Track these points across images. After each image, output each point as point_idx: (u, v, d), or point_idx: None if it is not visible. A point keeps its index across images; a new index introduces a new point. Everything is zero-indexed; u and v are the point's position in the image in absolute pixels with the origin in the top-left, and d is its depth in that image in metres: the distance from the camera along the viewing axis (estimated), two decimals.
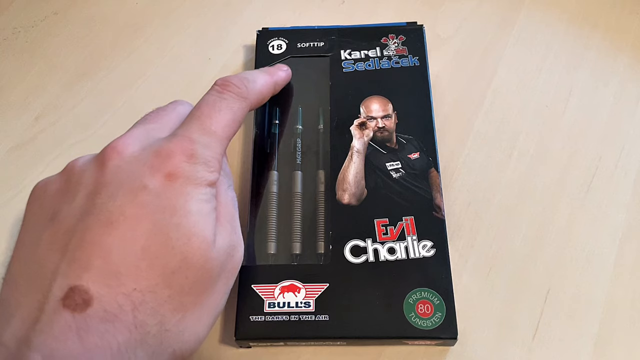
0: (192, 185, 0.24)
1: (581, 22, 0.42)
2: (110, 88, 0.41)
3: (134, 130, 0.27)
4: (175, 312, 0.23)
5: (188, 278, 0.23)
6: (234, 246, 0.26)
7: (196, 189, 0.25)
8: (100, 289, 0.22)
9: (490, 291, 0.33)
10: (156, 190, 0.24)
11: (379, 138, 0.35)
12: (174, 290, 0.23)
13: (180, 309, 0.23)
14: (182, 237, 0.23)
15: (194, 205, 0.24)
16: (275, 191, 0.34)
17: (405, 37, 0.39)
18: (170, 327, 0.23)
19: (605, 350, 0.31)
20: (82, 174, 0.25)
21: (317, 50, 0.38)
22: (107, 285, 0.22)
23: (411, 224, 0.32)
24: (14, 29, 0.44)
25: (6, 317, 0.22)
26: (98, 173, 0.25)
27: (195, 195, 0.24)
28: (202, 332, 0.25)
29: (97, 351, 0.21)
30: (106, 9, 0.44)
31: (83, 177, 0.25)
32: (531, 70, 0.40)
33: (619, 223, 0.35)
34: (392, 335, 0.29)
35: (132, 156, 0.25)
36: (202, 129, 0.26)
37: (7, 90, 0.41)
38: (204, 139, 0.26)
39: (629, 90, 0.39)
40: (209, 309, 0.25)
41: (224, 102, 0.28)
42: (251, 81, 0.30)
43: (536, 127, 0.38)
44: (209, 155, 0.26)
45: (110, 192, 0.24)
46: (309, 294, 0.30)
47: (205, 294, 0.24)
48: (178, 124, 0.28)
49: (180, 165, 0.24)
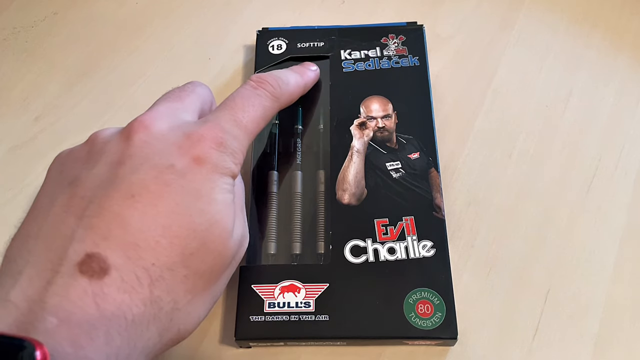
0: (218, 173, 0.25)
1: (581, 22, 0.42)
2: (110, 88, 0.41)
3: (160, 107, 0.27)
4: (187, 293, 0.23)
5: (205, 262, 0.24)
6: (245, 236, 0.27)
7: (221, 177, 0.25)
8: (119, 258, 0.22)
9: (490, 291, 0.33)
10: (183, 170, 0.24)
11: (379, 138, 0.35)
12: (190, 271, 0.23)
13: (192, 291, 0.24)
14: (205, 223, 0.24)
15: (218, 193, 0.24)
16: (275, 191, 0.34)
17: (405, 37, 0.39)
18: (181, 306, 0.23)
19: (605, 350, 0.31)
20: (106, 144, 0.25)
21: (317, 50, 0.38)
22: (126, 257, 0.22)
23: (411, 224, 0.32)
24: (14, 29, 0.44)
25: (12, 274, 0.22)
26: (123, 144, 0.25)
27: (220, 184, 0.25)
28: (203, 314, 0.25)
29: (113, 320, 0.21)
30: (106, 9, 0.44)
31: (107, 146, 0.25)
32: (531, 70, 0.40)
33: (619, 223, 0.35)
34: (392, 335, 0.29)
35: (160, 133, 0.25)
36: (234, 120, 0.27)
37: (7, 90, 0.41)
38: (234, 130, 0.26)
39: (629, 90, 0.39)
40: (214, 293, 0.25)
41: (257, 99, 0.29)
42: (285, 82, 0.31)
43: (536, 127, 0.38)
44: (236, 147, 0.26)
45: (134, 164, 0.24)
46: (309, 294, 0.30)
47: (216, 280, 0.25)
48: (200, 105, 0.29)
49: (209, 152, 0.25)
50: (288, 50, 0.39)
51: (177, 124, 0.26)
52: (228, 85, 0.40)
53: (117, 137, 0.25)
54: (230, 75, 0.41)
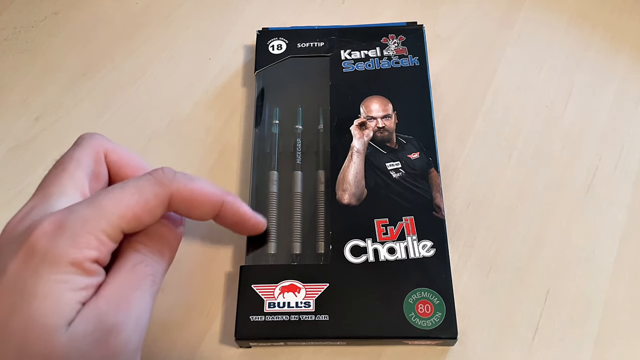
0: (47, 263, 0.22)
1: (581, 22, 0.42)
2: (110, 88, 0.41)
3: (28, 204, 0.25)
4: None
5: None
6: (109, 330, 0.22)
7: (51, 267, 0.22)
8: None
9: (490, 291, 0.33)
10: (14, 271, 0.22)
11: (379, 138, 0.35)
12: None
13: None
14: (20, 325, 0.21)
15: (41, 287, 0.22)
16: (275, 191, 0.34)
17: (405, 37, 0.39)
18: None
19: (605, 350, 0.31)
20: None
21: (317, 50, 0.38)
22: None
23: (411, 224, 0.32)
24: (14, 29, 0.44)
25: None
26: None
27: (46, 276, 0.22)
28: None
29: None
30: (106, 9, 0.44)
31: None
32: (531, 70, 0.40)
33: (619, 223, 0.35)
34: (392, 335, 0.29)
35: (10, 235, 0.23)
36: (90, 200, 0.24)
37: (7, 90, 0.41)
38: (84, 210, 0.23)
39: (629, 90, 0.39)
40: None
41: (133, 182, 0.25)
42: (185, 176, 0.26)
43: (536, 127, 0.38)
44: (80, 229, 0.23)
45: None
46: (309, 294, 0.30)
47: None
48: (84, 172, 0.26)
49: (40, 239, 0.22)
50: (288, 50, 0.39)
51: (35, 216, 0.24)
52: (228, 85, 0.40)
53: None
54: (230, 75, 0.41)
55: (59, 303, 0.22)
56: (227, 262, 0.34)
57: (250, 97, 0.40)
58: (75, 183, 0.26)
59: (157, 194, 0.25)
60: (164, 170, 0.26)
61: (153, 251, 0.26)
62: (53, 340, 0.21)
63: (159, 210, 0.25)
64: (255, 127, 0.36)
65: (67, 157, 0.27)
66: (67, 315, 0.22)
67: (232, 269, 0.34)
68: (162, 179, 0.25)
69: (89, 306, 0.22)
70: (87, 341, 0.22)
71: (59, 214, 0.23)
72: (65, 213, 0.23)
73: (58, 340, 0.21)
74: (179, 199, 0.26)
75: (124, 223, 0.24)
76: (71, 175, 0.26)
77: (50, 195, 0.25)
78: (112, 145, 0.29)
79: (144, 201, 0.25)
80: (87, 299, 0.23)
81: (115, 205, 0.24)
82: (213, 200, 0.27)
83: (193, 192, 0.26)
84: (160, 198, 0.25)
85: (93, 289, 0.23)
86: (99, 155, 0.28)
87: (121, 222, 0.24)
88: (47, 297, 0.21)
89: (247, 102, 0.40)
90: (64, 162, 0.27)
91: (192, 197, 0.26)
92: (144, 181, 0.25)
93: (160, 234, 0.26)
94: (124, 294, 0.23)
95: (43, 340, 0.21)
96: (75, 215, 0.23)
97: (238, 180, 0.36)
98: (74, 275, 0.22)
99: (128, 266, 0.24)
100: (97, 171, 0.28)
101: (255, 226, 0.31)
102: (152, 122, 0.39)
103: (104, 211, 0.24)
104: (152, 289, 0.25)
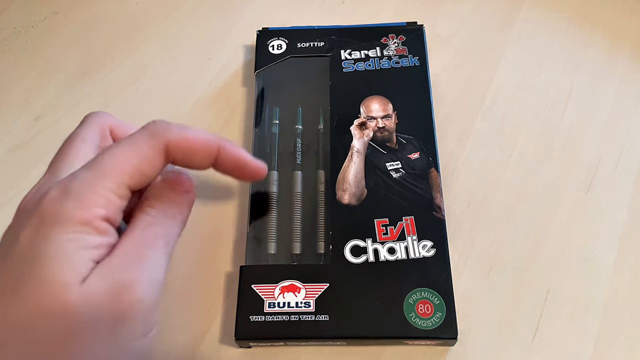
0: (57, 225, 0.22)
1: (581, 22, 0.42)
2: (110, 88, 0.41)
3: (41, 178, 0.26)
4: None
5: (42, 330, 0.21)
6: (122, 287, 0.23)
7: (61, 227, 0.22)
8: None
9: (490, 291, 0.33)
10: (26, 239, 0.22)
11: (379, 138, 0.35)
12: (28, 346, 0.21)
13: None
14: (32, 286, 0.21)
15: (52, 247, 0.22)
16: (275, 191, 0.34)
17: (405, 37, 0.39)
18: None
19: (605, 350, 0.31)
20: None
21: (317, 50, 0.38)
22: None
23: (411, 224, 0.32)
24: (14, 29, 0.44)
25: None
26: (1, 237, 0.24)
27: (56, 236, 0.22)
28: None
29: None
30: (106, 9, 0.44)
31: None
32: (531, 70, 0.40)
33: (619, 223, 0.35)
34: (392, 335, 0.29)
35: (24, 209, 0.24)
36: (90, 163, 0.25)
37: (7, 90, 0.41)
38: (86, 173, 0.24)
39: (628, 90, 0.39)
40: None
41: (127, 138, 0.26)
42: (178, 125, 0.27)
43: (536, 127, 0.38)
44: (85, 189, 0.23)
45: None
46: (309, 294, 0.30)
47: (74, 343, 0.22)
48: (88, 147, 0.27)
49: (49, 205, 0.23)
50: (288, 50, 0.39)
51: (42, 190, 0.24)
52: (228, 85, 0.40)
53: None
54: (230, 75, 0.41)
55: (70, 261, 0.22)
56: (227, 262, 0.34)
57: (250, 97, 0.40)
58: (82, 158, 0.26)
59: (152, 145, 0.25)
60: (156, 122, 0.26)
61: (164, 213, 0.26)
62: (66, 296, 0.21)
63: (157, 161, 0.26)
64: (255, 127, 0.36)
65: (72, 136, 0.28)
66: (80, 272, 0.22)
67: (232, 269, 0.34)
68: (154, 130, 0.26)
69: (103, 264, 0.23)
70: (101, 297, 0.22)
71: (63, 181, 0.24)
72: (68, 179, 0.24)
73: (71, 296, 0.21)
74: (175, 147, 0.26)
75: (126, 178, 0.24)
76: (77, 151, 0.27)
77: (59, 170, 0.26)
78: (117, 120, 0.30)
79: (141, 154, 0.25)
80: (101, 258, 0.23)
81: (114, 162, 0.24)
82: (209, 146, 0.28)
83: (188, 139, 0.27)
84: (156, 149, 0.26)
85: (106, 248, 0.23)
86: (104, 130, 0.29)
87: (123, 178, 0.24)
88: (57, 256, 0.22)
89: (247, 102, 0.40)
90: (70, 140, 0.27)
91: (188, 144, 0.27)
92: (137, 136, 0.26)
93: (170, 197, 0.27)
94: (137, 253, 0.24)
95: (56, 297, 0.21)
96: (78, 179, 0.24)
97: (238, 181, 0.36)
98: (84, 234, 0.23)
99: (140, 227, 0.25)
100: (103, 146, 0.28)
101: (255, 170, 0.30)
102: None
103: (104, 170, 0.24)
104: (165, 249, 0.25)
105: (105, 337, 0.22)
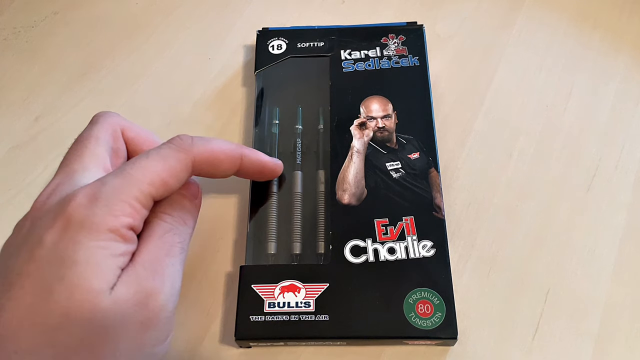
0: (85, 230, 0.23)
1: (581, 22, 0.42)
2: (110, 88, 0.41)
3: (53, 181, 0.26)
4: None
5: (73, 335, 0.22)
6: (148, 294, 0.23)
7: (90, 234, 0.23)
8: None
9: (490, 291, 0.33)
10: (52, 241, 0.23)
11: (379, 138, 0.35)
12: (58, 349, 0.22)
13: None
14: (65, 291, 0.22)
15: (82, 253, 0.22)
16: (275, 191, 0.34)
17: (405, 37, 0.39)
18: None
19: (605, 350, 0.31)
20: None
21: (317, 50, 0.38)
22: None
23: (411, 224, 0.32)
24: (14, 28, 0.44)
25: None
26: (13, 234, 0.24)
27: (86, 243, 0.23)
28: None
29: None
30: (106, 9, 0.44)
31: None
32: (531, 70, 0.40)
33: (619, 223, 0.35)
34: (392, 335, 0.29)
35: (42, 209, 0.24)
36: (118, 171, 0.25)
37: (7, 90, 0.41)
38: (115, 180, 0.24)
39: (629, 90, 0.39)
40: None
41: (155, 150, 0.26)
42: (202, 139, 0.28)
43: (536, 127, 0.38)
44: (114, 197, 0.24)
45: (11, 252, 0.23)
46: (309, 294, 0.30)
47: (102, 349, 0.22)
48: (103, 149, 0.27)
49: (76, 210, 0.23)
50: (288, 50, 0.39)
51: (63, 191, 0.25)
52: (228, 85, 0.40)
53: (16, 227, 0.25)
54: (230, 75, 0.41)
55: (101, 268, 0.22)
56: (227, 262, 0.34)
57: (250, 97, 0.40)
58: (96, 159, 0.27)
59: (180, 159, 0.26)
60: (182, 137, 0.27)
61: (178, 220, 0.27)
62: (98, 303, 0.22)
63: (183, 174, 0.27)
64: (255, 127, 0.36)
65: (85, 135, 0.28)
66: (110, 280, 0.23)
67: (232, 269, 0.34)
68: (182, 145, 0.27)
69: (128, 271, 0.23)
70: (129, 304, 0.23)
71: (92, 186, 0.24)
72: (97, 184, 0.24)
73: (102, 303, 0.22)
74: (201, 160, 0.27)
75: (153, 189, 0.25)
76: (92, 152, 0.27)
77: (75, 171, 0.26)
78: (128, 122, 0.30)
79: (169, 167, 0.26)
80: (125, 265, 0.24)
81: (144, 173, 0.25)
82: (232, 156, 0.29)
83: (213, 152, 0.28)
84: (183, 162, 0.27)
85: (129, 256, 0.24)
86: (117, 132, 0.29)
87: (150, 189, 0.25)
88: (89, 263, 0.22)
89: (247, 102, 0.40)
90: (84, 139, 0.28)
91: (213, 157, 0.28)
92: (165, 149, 0.26)
93: (182, 204, 0.28)
94: (158, 260, 0.25)
95: (88, 303, 0.22)
96: (108, 186, 0.24)
97: (238, 181, 0.36)
98: (112, 242, 0.23)
99: (157, 235, 0.25)
100: (116, 147, 0.29)
101: (274, 169, 0.32)
102: (152, 122, 0.39)
103: (133, 179, 0.25)
104: (182, 256, 0.26)
105: (131, 343, 0.23)
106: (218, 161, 0.28)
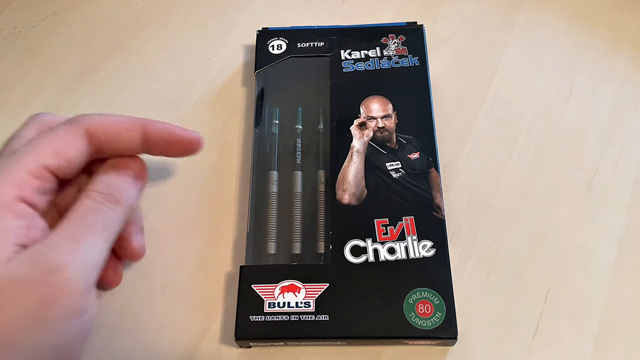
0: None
1: (581, 22, 0.42)
2: (110, 88, 0.41)
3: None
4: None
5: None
6: (51, 269, 0.24)
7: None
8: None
9: (490, 291, 0.33)
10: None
11: (379, 138, 0.35)
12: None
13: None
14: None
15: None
16: (275, 191, 0.34)
17: (405, 37, 0.39)
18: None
19: (605, 350, 0.31)
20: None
21: (317, 50, 0.38)
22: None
23: (411, 224, 0.32)
24: (14, 28, 0.44)
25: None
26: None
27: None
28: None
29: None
30: (106, 9, 0.44)
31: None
32: (531, 70, 0.40)
33: (619, 223, 0.35)
34: (392, 335, 0.29)
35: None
36: (6, 153, 0.27)
37: (7, 90, 0.41)
38: (2, 159, 0.26)
39: (629, 90, 0.39)
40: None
41: (48, 129, 0.28)
42: (100, 114, 0.29)
43: (536, 127, 0.38)
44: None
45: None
46: (309, 294, 0.30)
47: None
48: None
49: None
50: (288, 50, 0.39)
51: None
52: (228, 85, 0.40)
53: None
54: (230, 75, 0.41)
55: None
56: (227, 262, 0.34)
57: (250, 97, 0.40)
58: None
59: (70, 130, 0.27)
60: (78, 115, 0.28)
61: (108, 198, 0.27)
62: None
63: (78, 143, 0.27)
64: (255, 127, 0.36)
65: (12, 136, 0.29)
66: (1, 255, 0.23)
67: (232, 269, 0.34)
68: (74, 118, 0.28)
69: (33, 247, 0.24)
70: (25, 277, 0.23)
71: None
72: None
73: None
74: (96, 129, 0.28)
75: (43, 159, 0.26)
76: (11, 150, 0.28)
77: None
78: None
79: (58, 137, 0.27)
80: (30, 241, 0.24)
81: (31, 148, 0.26)
82: (130, 124, 0.29)
83: (107, 121, 0.28)
84: (74, 132, 0.27)
85: (29, 230, 0.25)
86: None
87: (40, 158, 0.26)
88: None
89: (247, 102, 0.40)
90: (8, 140, 0.29)
91: (106, 125, 0.28)
92: (57, 124, 0.28)
93: (116, 183, 0.28)
94: (73, 236, 0.25)
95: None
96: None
97: (238, 180, 0.36)
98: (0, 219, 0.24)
99: (79, 211, 0.26)
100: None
101: (189, 140, 0.30)
102: None
103: (20, 156, 0.26)
104: (104, 234, 0.26)
105: (29, 315, 0.23)
106: (113, 130, 0.28)
